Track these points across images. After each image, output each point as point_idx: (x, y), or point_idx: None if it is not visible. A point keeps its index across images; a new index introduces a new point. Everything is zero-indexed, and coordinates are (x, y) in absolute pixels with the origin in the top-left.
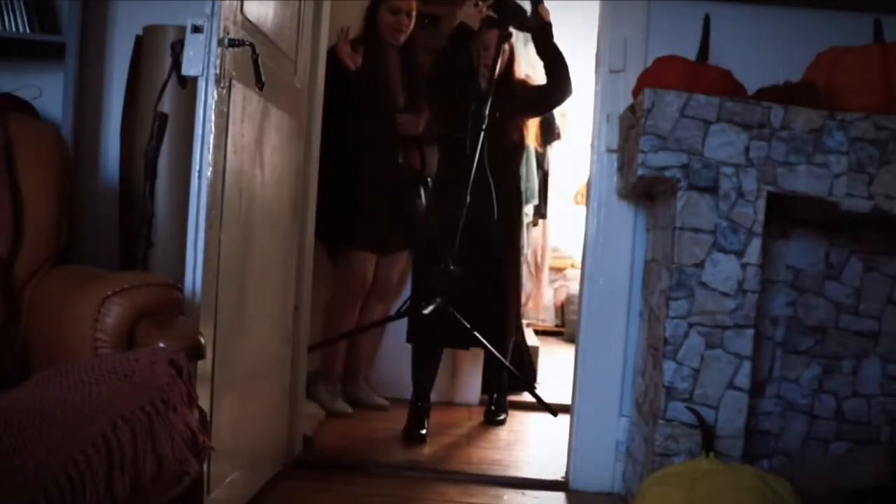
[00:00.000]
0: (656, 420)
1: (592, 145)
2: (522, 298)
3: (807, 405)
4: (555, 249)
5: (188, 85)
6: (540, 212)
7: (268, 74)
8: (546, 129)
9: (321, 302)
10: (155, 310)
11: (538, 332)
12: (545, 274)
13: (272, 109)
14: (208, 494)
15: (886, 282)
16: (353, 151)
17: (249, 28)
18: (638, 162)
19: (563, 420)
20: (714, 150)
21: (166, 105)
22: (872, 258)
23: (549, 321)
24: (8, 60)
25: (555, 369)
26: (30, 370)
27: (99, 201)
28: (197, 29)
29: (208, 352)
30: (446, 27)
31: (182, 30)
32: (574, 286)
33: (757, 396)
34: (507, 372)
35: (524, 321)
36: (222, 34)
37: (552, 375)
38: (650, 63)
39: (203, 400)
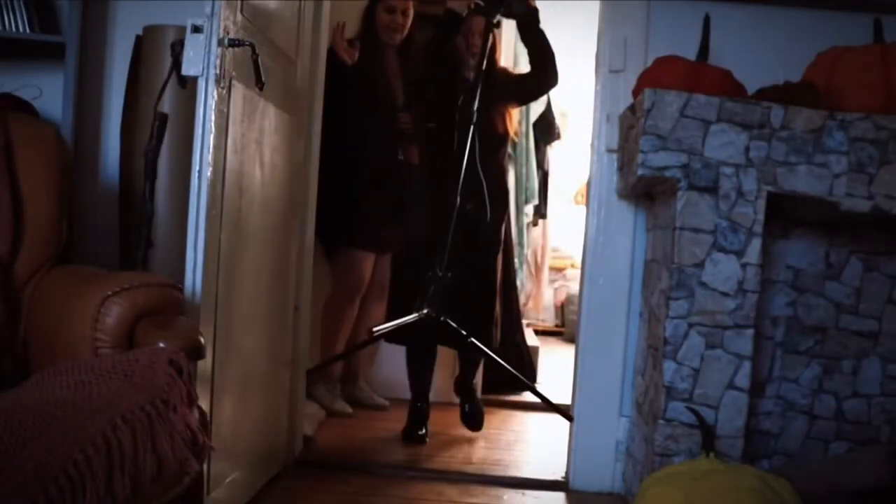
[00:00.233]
0: (656, 420)
1: (592, 145)
2: (522, 298)
3: (807, 405)
4: (555, 249)
5: (188, 85)
6: (540, 212)
7: (268, 74)
8: (546, 129)
9: (319, 302)
10: (155, 310)
11: (538, 332)
12: (545, 274)
13: (272, 109)
14: (208, 494)
15: (886, 282)
16: (353, 150)
17: (249, 28)
18: (638, 162)
19: (564, 420)
20: (714, 150)
21: (166, 105)
22: (872, 258)
23: (549, 321)
24: (8, 60)
25: (555, 369)
26: (30, 370)
27: (99, 201)
28: (197, 29)
29: (208, 352)
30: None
31: (182, 30)
32: (574, 286)
33: (757, 396)
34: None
35: (524, 321)
36: (222, 34)
37: (552, 375)
38: (650, 63)
39: (203, 400)
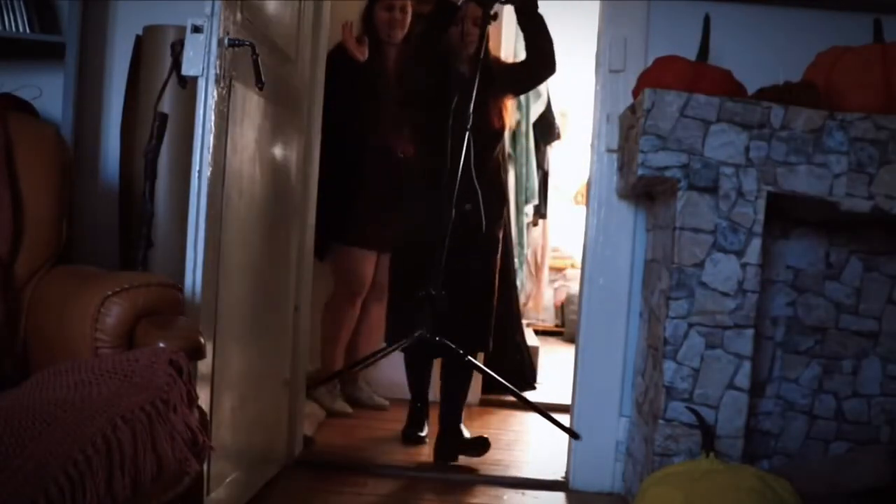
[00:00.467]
0: (656, 420)
1: (592, 145)
2: (522, 298)
3: (807, 405)
4: (555, 249)
5: (188, 85)
6: (540, 212)
7: (268, 74)
8: (546, 129)
9: (318, 302)
10: (155, 310)
11: (538, 332)
12: (545, 274)
13: (272, 109)
14: (208, 494)
15: (886, 282)
16: (354, 148)
17: (249, 28)
18: (638, 162)
19: (564, 420)
20: (714, 150)
21: (166, 105)
22: (872, 258)
23: (549, 321)
24: (8, 60)
25: (555, 369)
26: (30, 370)
27: (99, 201)
28: (197, 29)
29: (208, 352)
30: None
31: (182, 30)
32: (574, 286)
33: (757, 396)
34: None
35: (524, 321)
36: (222, 34)
37: (552, 375)
38: (650, 63)
39: (203, 400)
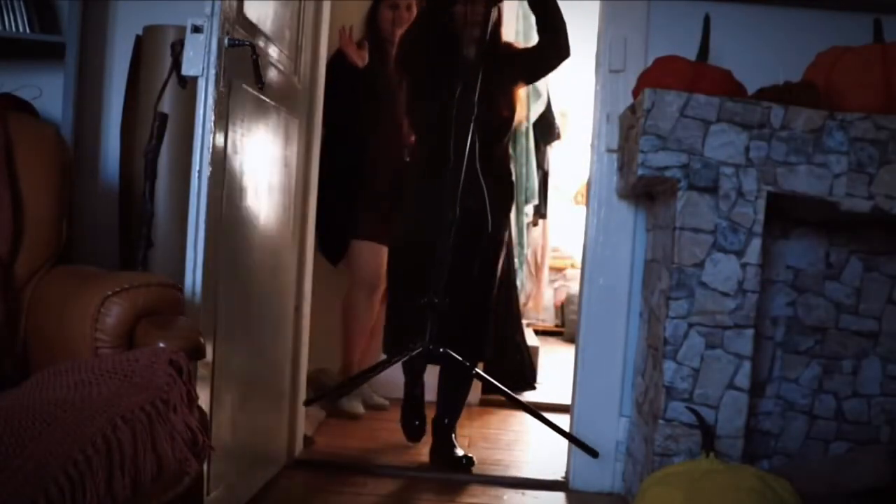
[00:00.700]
0: (656, 420)
1: (592, 145)
2: (522, 298)
3: (807, 405)
4: (555, 249)
5: (188, 85)
6: (540, 212)
7: (268, 74)
8: (546, 129)
9: (322, 302)
10: (155, 310)
11: (538, 332)
12: (545, 274)
13: (272, 109)
14: (208, 494)
15: (886, 282)
16: (364, 148)
17: (249, 28)
18: (638, 162)
19: (564, 420)
20: (714, 150)
21: (166, 105)
22: (872, 258)
23: (549, 321)
24: (8, 60)
25: (555, 369)
26: (30, 370)
27: (99, 201)
28: (197, 29)
29: (208, 352)
30: None
31: (182, 30)
32: (574, 286)
33: (757, 396)
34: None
35: (524, 321)
36: (222, 34)
37: (552, 375)
38: (650, 63)
39: (203, 400)
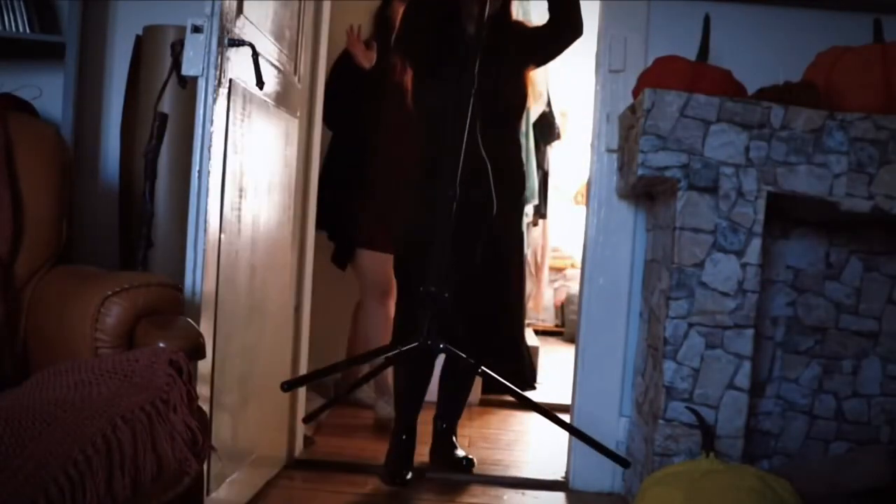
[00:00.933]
0: (656, 420)
1: (592, 145)
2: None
3: (807, 405)
4: (555, 249)
5: (188, 85)
6: (540, 212)
7: (268, 74)
8: (546, 129)
9: (324, 302)
10: (155, 310)
11: (538, 332)
12: (545, 274)
13: (272, 109)
14: (208, 494)
15: (886, 282)
16: (372, 152)
17: (249, 28)
18: (638, 162)
19: (563, 420)
20: (714, 150)
21: (166, 105)
22: (872, 258)
23: (549, 321)
24: (8, 60)
25: (555, 369)
26: (30, 370)
27: (99, 201)
28: (197, 29)
29: (208, 352)
30: None
31: (182, 30)
32: (574, 286)
33: (757, 396)
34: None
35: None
36: (222, 34)
37: (552, 375)
38: (650, 63)
39: (203, 400)
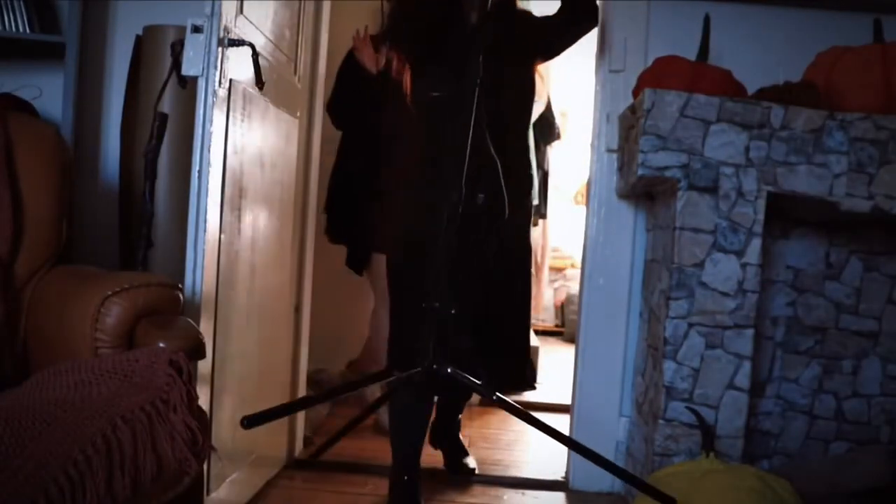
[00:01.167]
0: (656, 420)
1: (592, 145)
2: None
3: (807, 405)
4: (555, 249)
5: (188, 85)
6: (540, 212)
7: (268, 74)
8: (546, 129)
9: (328, 301)
10: (155, 310)
11: (538, 332)
12: (545, 274)
13: (272, 109)
14: (208, 494)
15: (886, 282)
16: (384, 158)
17: (249, 28)
18: (638, 162)
19: (564, 420)
20: (714, 150)
21: (166, 105)
22: (872, 258)
23: (549, 321)
24: (8, 60)
25: (555, 369)
26: (30, 370)
27: (99, 201)
28: (197, 29)
29: (208, 352)
30: None
31: (182, 30)
32: (574, 286)
33: (757, 396)
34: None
35: None
36: (222, 34)
37: (552, 375)
38: (650, 63)
39: (203, 400)
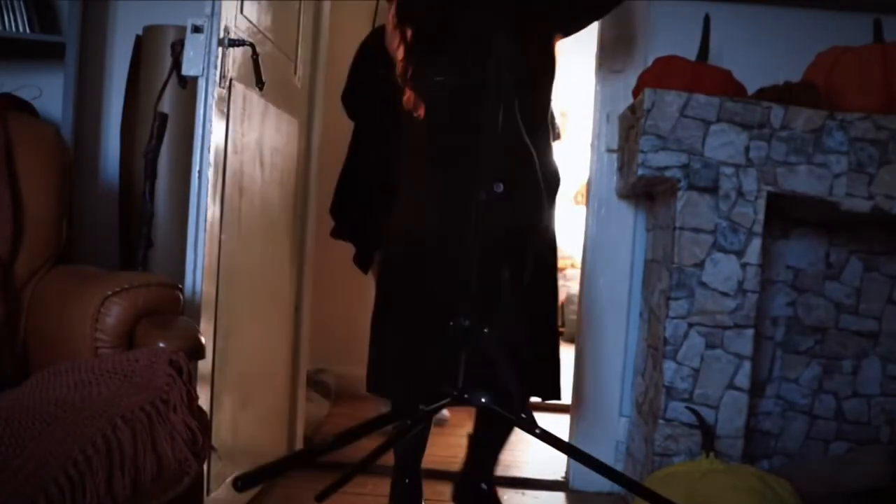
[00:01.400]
0: (656, 420)
1: (592, 145)
2: None
3: (807, 405)
4: None
5: (188, 85)
6: None
7: (268, 74)
8: None
9: (328, 301)
10: (155, 310)
11: None
12: None
13: (272, 109)
14: (208, 494)
15: (886, 282)
16: (392, 145)
17: (249, 28)
18: (638, 162)
19: (563, 420)
20: (714, 150)
21: (166, 105)
22: (872, 258)
23: None
24: (8, 60)
25: None
26: (30, 370)
27: (99, 201)
28: (197, 29)
29: (208, 352)
30: None
31: (182, 30)
32: (574, 286)
33: (757, 396)
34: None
35: None
36: (222, 34)
37: None
38: (650, 63)
39: (203, 400)
